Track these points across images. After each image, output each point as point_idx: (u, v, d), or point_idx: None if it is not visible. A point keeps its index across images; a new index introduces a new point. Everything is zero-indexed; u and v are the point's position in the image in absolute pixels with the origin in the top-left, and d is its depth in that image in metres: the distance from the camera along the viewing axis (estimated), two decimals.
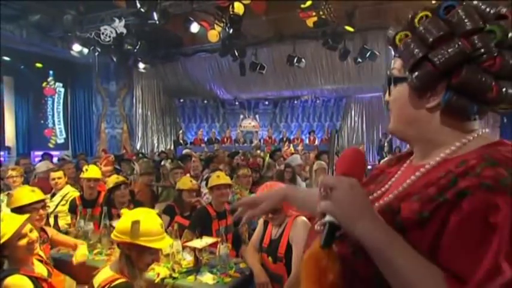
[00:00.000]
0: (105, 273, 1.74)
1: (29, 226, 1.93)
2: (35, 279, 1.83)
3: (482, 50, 0.69)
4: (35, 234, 1.96)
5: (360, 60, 9.66)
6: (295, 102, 14.20)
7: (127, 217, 1.79)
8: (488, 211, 0.61)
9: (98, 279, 1.73)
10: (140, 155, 9.53)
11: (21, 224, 1.85)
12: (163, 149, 11.93)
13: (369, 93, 12.59)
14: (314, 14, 8.24)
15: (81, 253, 2.60)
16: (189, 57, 11.53)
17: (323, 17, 8.14)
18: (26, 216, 1.99)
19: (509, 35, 0.70)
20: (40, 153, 9.74)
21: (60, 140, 13.54)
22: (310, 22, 8.46)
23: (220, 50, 9.92)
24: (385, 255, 0.66)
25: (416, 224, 0.68)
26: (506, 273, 0.57)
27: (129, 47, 8.90)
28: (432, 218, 0.66)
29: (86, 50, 9.16)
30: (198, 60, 11.66)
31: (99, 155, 8.59)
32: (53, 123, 13.40)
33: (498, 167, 0.64)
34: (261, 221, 2.64)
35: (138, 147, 12.59)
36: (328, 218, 0.72)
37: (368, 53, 9.41)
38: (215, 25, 8.72)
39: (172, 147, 12.70)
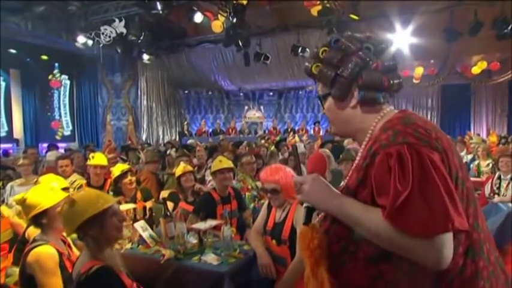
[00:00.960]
0: (81, 262, 1.68)
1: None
2: (60, 254, 1.95)
3: (368, 59, 1.07)
4: None
5: None
6: (300, 92, 14.14)
7: (64, 213, 1.71)
8: (387, 159, 0.94)
9: (75, 270, 1.69)
10: (146, 145, 9.60)
11: (64, 196, 2.04)
12: (169, 140, 12.00)
13: None
14: (318, 2, 8.17)
15: None
16: (193, 48, 11.48)
17: (327, 5, 8.07)
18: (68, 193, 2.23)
19: (379, 46, 1.10)
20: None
21: (67, 132, 13.68)
22: (314, 11, 8.38)
23: (224, 40, 9.87)
24: (345, 213, 1.02)
25: (358, 187, 1.03)
26: (402, 192, 0.89)
27: (133, 38, 8.91)
28: (365, 179, 1.01)
29: (90, 42, 9.17)
30: (202, 51, 11.61)
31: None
32: (60, 115, 13.53)
33: (388, 130, 1.00)
34: (265, 205, 2.66)
35: (143, 138, 12.66)
36: (305, 204, 1.12)
37: None
38: (219, 15, 8.68)
39: (177, 138, 12.76)
